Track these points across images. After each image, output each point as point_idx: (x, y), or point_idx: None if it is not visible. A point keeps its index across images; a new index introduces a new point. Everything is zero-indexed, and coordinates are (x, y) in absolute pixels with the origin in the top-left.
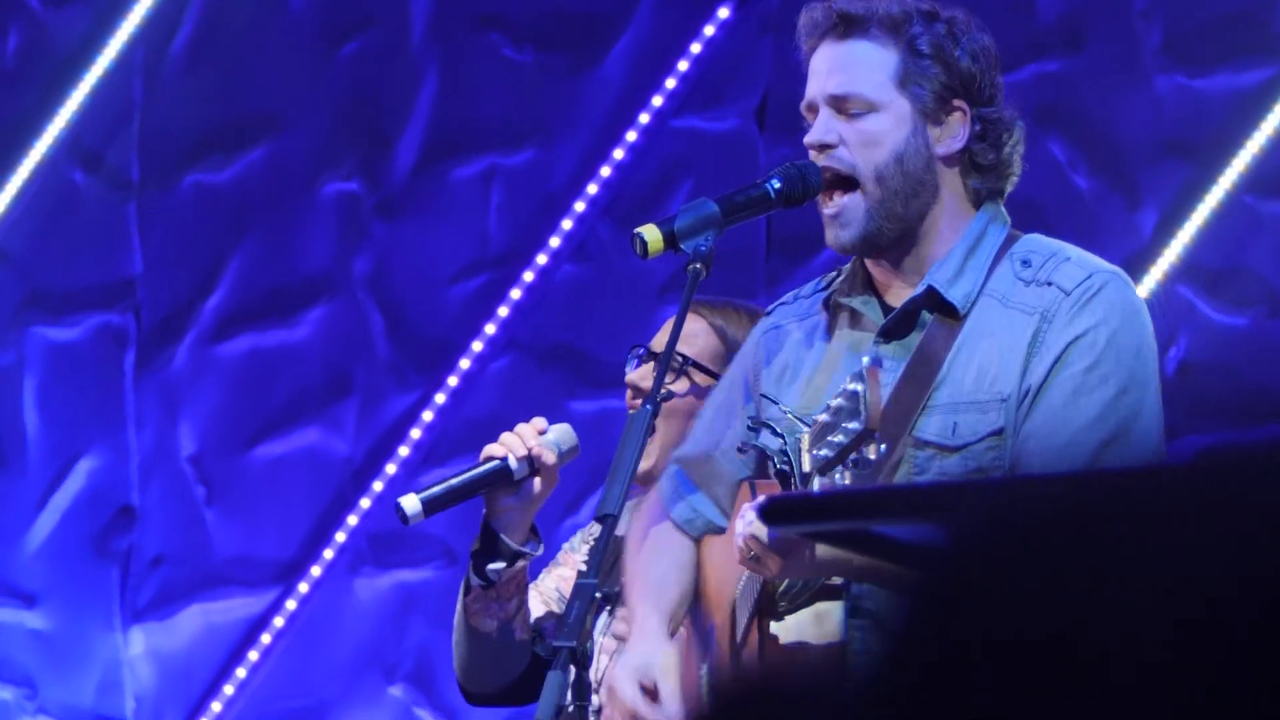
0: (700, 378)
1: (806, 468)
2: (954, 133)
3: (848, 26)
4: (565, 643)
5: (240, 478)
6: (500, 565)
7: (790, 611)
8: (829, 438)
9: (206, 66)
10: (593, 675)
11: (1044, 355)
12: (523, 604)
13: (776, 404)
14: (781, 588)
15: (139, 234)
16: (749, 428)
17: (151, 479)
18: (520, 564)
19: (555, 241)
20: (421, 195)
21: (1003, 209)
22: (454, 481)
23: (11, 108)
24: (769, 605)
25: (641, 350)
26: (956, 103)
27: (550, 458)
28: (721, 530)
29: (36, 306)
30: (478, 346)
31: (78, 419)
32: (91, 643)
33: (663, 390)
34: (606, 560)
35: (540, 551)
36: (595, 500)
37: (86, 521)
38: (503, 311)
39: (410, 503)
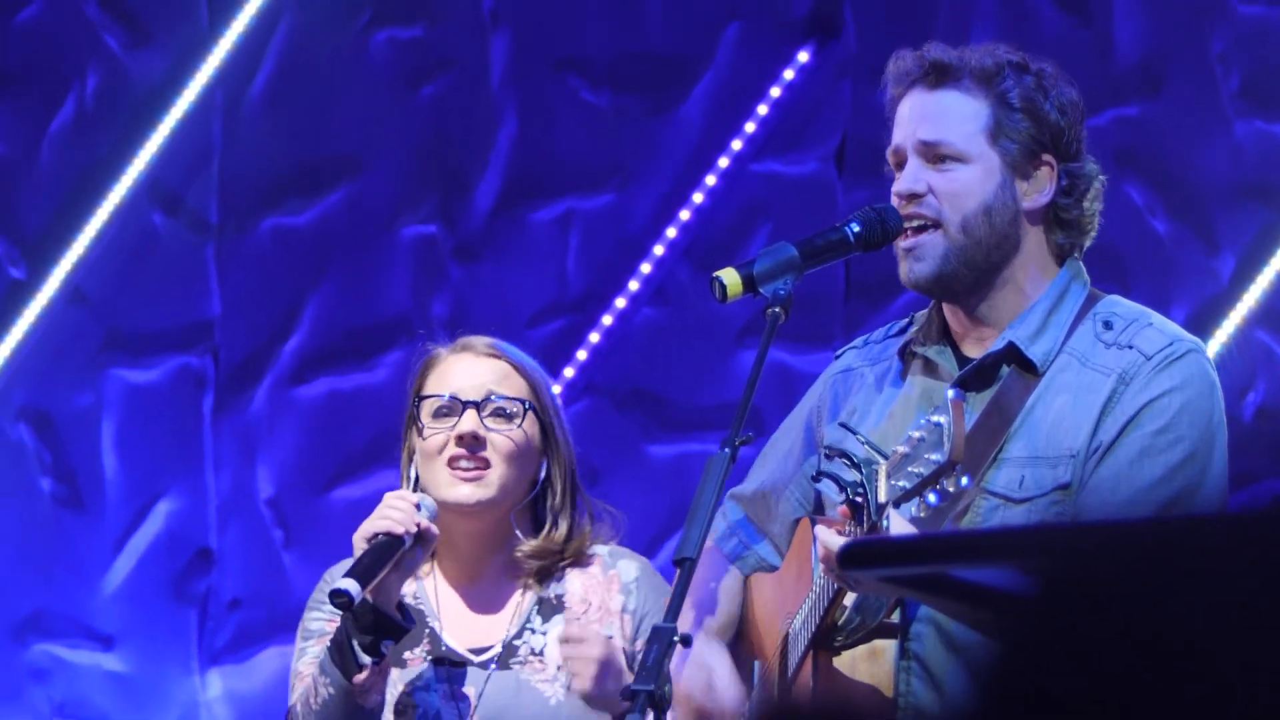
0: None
1: (883, 498)
2: (1041, 187)
3: (940, 76)
4: (643, 686)
5: (318, 520)
6: (392, 642)
7: (847, 647)
8: (909, 468)
9: (285, 109)
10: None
11: (1117, 415)
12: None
13: (855, 434)
14: (840, 621)
15: (217, 276)
16: (825, 456)
17: (229, 521)
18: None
19: (634, 285)
20: (500, 238)
21: (1083, 268)
22: (368, 560)
23: (91, 150)
24: (825, 640)
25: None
26: (1045, 157)
27: (435, 528)
28: (773, 569)
29: (115, 348)
30: (555, 390)
31: (156, 461)
32: (169, 685)
33: (743, 435)
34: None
35: (415, 621)
36: (673, 544)
37: (164, 564)
38: (581, 355)
39: (352, 585)
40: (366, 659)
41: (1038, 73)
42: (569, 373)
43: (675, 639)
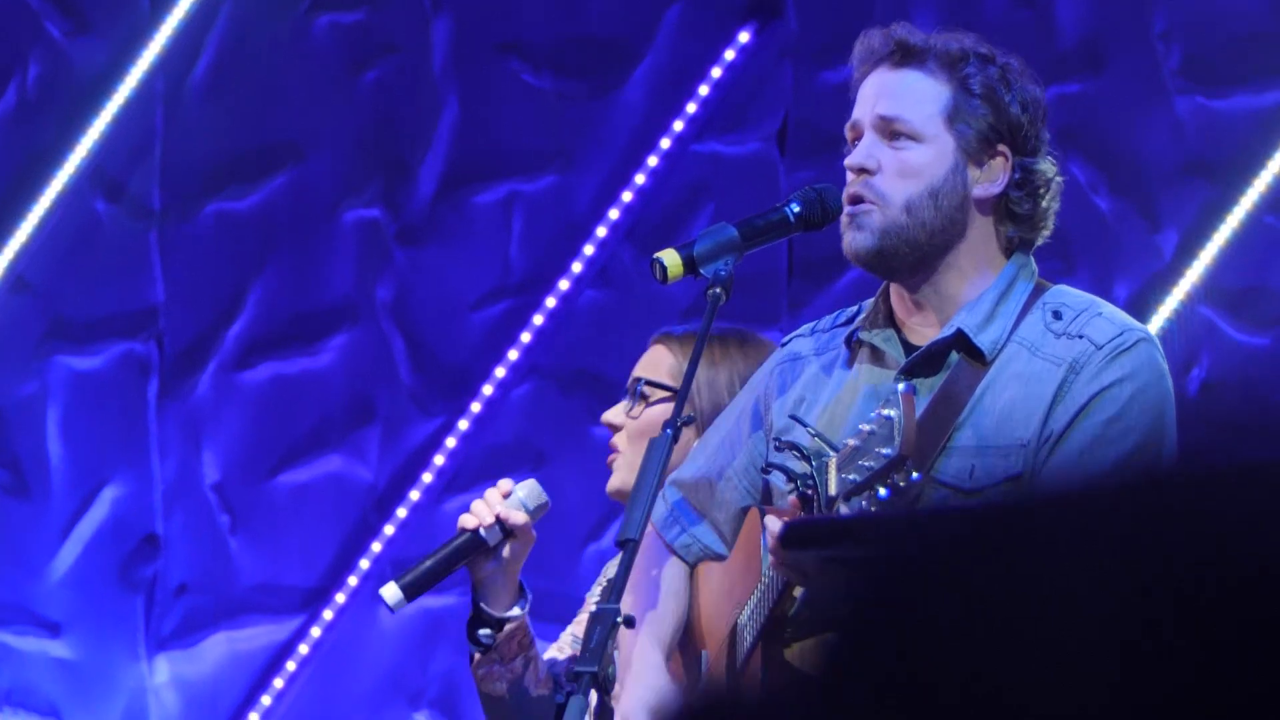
0: (658, 395)
1: (833, 491)
2: (993, 177)
3: (904, 55)
4: (586, 668)
5: (264, 505)
6: (489, 631)
7: (796, 639)
8: (859, 462)
9: (227, 95)
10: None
11: (1068, 405)
12: (530, 660)
13: (805, 426)
14: (791, 613)
15: (161, 262)
16: (775, 448)
17: (175, 507)
18: (510, 627)
19: (577, 267)
20: (443, 222)
21: (1032, 260)
22: (429, 562)
23: (33, 137)
24: (776, 631)
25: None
26: (1000, 147)
27: (519, 518)
28: (720, 558)
29: (59, 336)
30: (500, 373)
31: (101, 448)
32: (116, 671)
33: (683, 416)
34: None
35: (523, 610)
36: (617, 526)
37: (111, 550)
38: (525, 337)
39: (391, 593)
40: (472, 647)
41: (1003, 66)
42: (513, 355)
43: (618, 620)
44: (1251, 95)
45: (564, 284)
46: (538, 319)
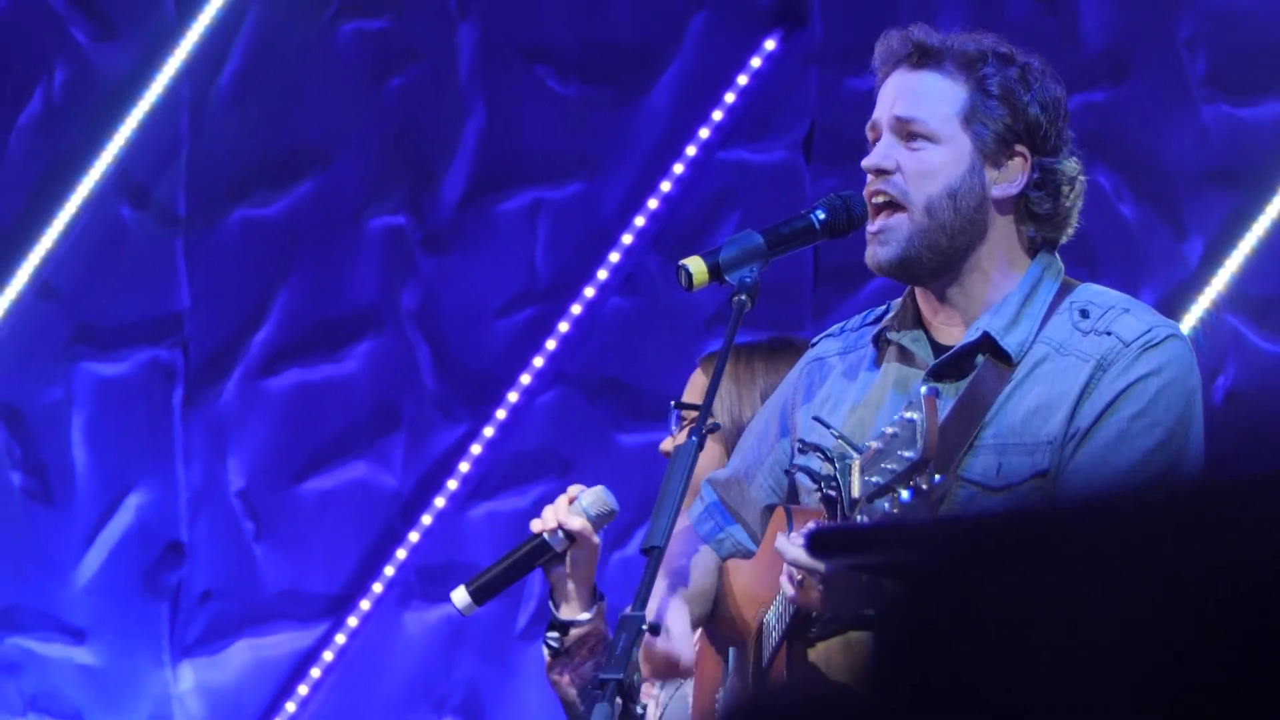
0: (691, 416)
1: (856, 494)
2: (1012, 177)
3: (922, 57)
4: (611, 675)
5: (289, 512)
6: (556, 634)
7: (821, 638)
8: (882, 465)
9: (253, 101)
10: None
11: (1095, 401)
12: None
13: (829, 428)
14: (815, 613)
15: (186, 269)
16: (799, 450)
17: (200, 514)
18: (577, 631)
19: (602, 274)
20: (468, 229)
21: (1057, 259)
22: (499, 568)
23: (59, 143)
24: (801, 630)
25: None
26: (1018, 148)
27: (576, 523)
28: (749, 555)
29: (84, 342)
30: (525, 379)
31: (126, 454)
32: (141, 678)
33: (708, 423)
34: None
35: (592, 616)
36: (643, 533)
37: (135, 557)
38: (550, 344)
39: (460, 597)
40: (545, 651)
41: (1023, 65)
42: (538, 362)
43: (643, 627)
44: (1277, 103)
45: (589, 291)
46: (563, 326)
